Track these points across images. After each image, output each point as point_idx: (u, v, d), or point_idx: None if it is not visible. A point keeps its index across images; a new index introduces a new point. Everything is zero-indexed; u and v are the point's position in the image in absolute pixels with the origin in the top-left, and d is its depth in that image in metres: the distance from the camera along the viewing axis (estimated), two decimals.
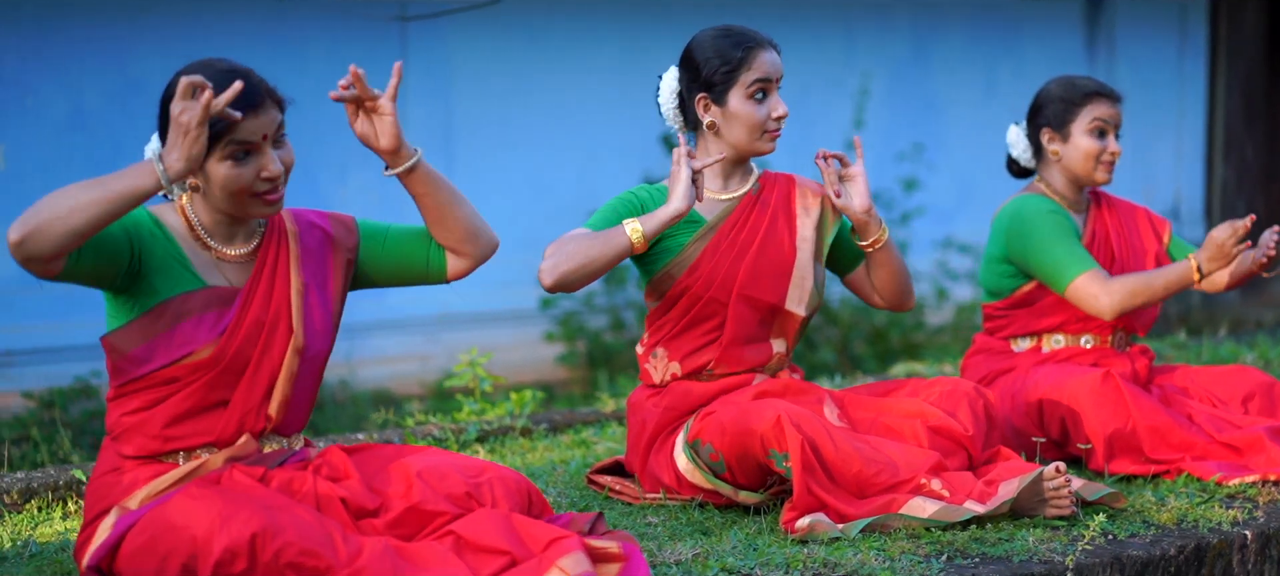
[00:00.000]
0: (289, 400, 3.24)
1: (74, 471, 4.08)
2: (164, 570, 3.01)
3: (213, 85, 3.00)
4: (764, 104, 3.85)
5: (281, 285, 3.27)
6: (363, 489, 3.20)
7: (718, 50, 3.86)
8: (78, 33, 6.76)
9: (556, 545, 3.08)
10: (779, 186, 3.99)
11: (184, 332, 3.15)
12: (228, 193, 3.14)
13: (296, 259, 3.28)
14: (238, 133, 3.10)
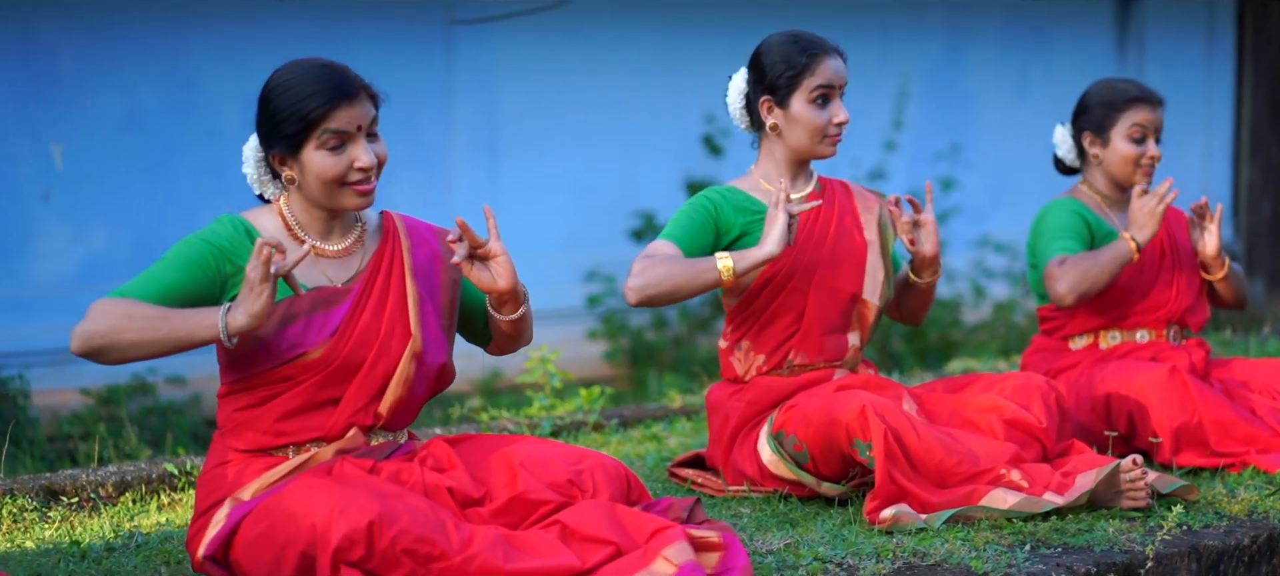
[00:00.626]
0: (401, 401, 3.32)
1: (166, 465, 4.18)
2: (282, 558, 3.11)
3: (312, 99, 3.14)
4: (825, 109, 3.95)
5: (397, 290, 3.34)
6: (467, 479, 3.29)
7: (784, 55, 3.97)
8: (132, 34, 6.87)
9: (660, 535, 3.17)
10: (837, 189, 4.10)
11: (293, 334, 3.24)
12: (321, 181, 3.23)
13: (410, 269, 3.36)
14: (333, 122, 3.20)
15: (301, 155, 3.23)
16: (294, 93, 3.22)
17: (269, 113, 3.25)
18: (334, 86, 3.22)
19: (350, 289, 3.31)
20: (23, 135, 6.68)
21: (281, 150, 3.25)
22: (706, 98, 8.15)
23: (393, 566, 3.05)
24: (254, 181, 3.36)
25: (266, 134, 3.27)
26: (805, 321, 3.94)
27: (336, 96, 3.21)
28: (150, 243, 6.92)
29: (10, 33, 6.63)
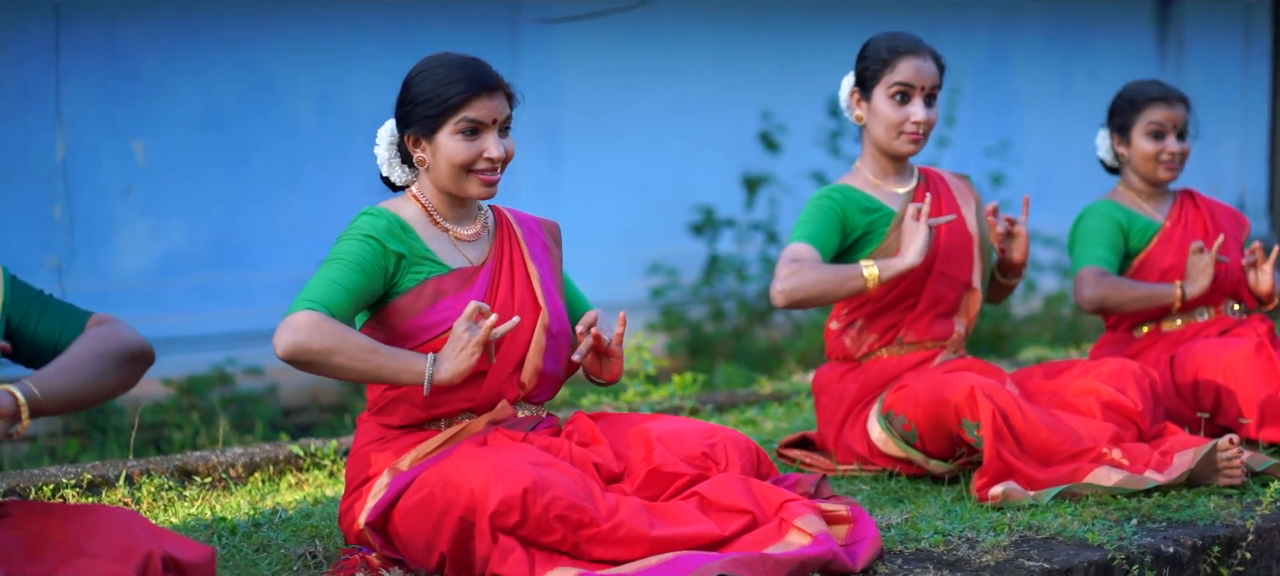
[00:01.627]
0: (540, 371, 3.50)
1: (292, 447, 4.36)
2: (441, 524, 3.27)
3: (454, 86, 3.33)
4: (904, 107, 4.11)
5: (520, 270, 3.53)
6: (610, 453, 3.46)
7: (875, 49, 4.16)
8: (211, 34, 7.03)
9: (792, 506, 3.35)
10: (939, 182, 4.27)
11: (443, 309, 3.42)
12: (451, 165, 3.41)
13: (528, 252, 3.55)
14: (471, 110, 3.38)
15: (436, 138, 3.41)
16: (437, 78, 3.41)
17: (410, 95, 3.44)
18: (476, 77, 3.40)
19: (484, 268, 3.50)
20: (106, 132, 6.85)
21: (417, 132, 3.43)
22: (762, 94, 8.34)
23: (546, 532, 3.22)
24: (383, 163, 3.54)
25: (404, 115, 3.45)
26: (919, 307, 4.13)
27: (477, 87, 3.40)
28: (227, 238, 7.10)
29: (95, 33, 6.81)
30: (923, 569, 3.34)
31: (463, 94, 3.39)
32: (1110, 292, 4.50)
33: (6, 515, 2.97)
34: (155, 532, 2.89)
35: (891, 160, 4.21)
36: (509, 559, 3.20)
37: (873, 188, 4.18)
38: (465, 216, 3.53)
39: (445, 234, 3.49)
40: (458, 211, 3.51)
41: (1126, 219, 4.65)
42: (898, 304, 4.15)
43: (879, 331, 4.15)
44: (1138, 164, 4.67)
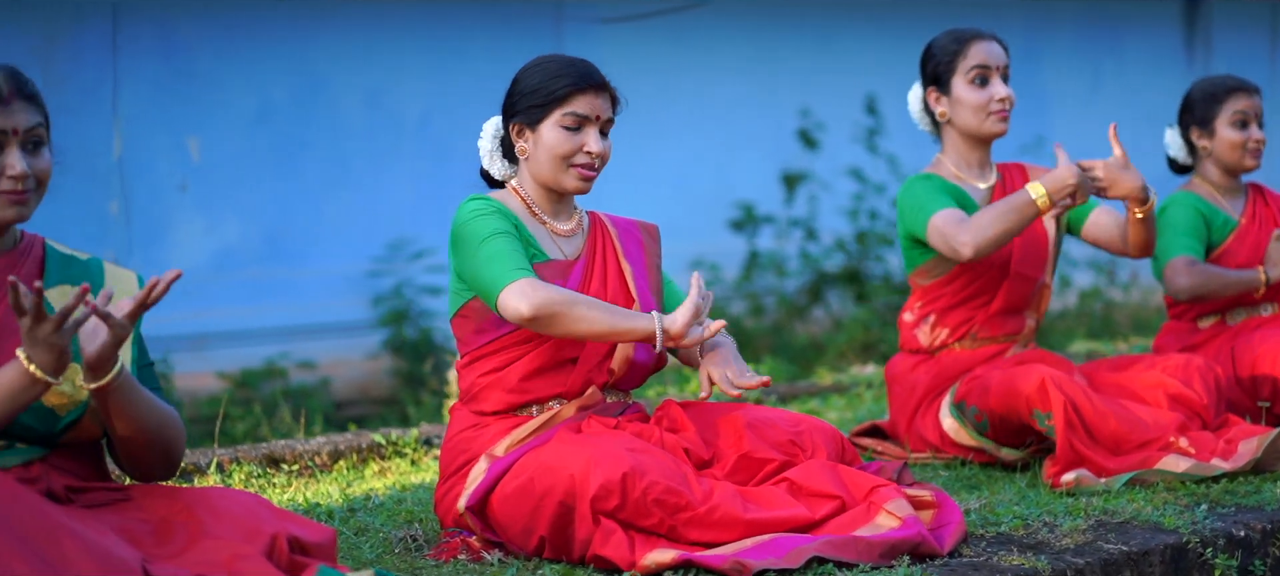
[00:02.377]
0: (628, 360, 3.61)
1: (374, 436, 4.47)
2: (540, 507, 3.38)
3: (561, 79, 3.44)
4: (985, 88, 4.23)
5: (614, 265, 3.65)
6: (700, 439, 3.57)
7: (940, 46, 4.28)
8: (264, 32, 7.15)
9: (880, 491, 3.46)
10: (1013, 175, 4.38)
11: None
12: (552, 156, 3.52)
13: (621, 250, 3.66)
14: (576, 105, 3.50)
15: (540, 128, 3.53)
16: (546, 72, 3.54)
17: (519, 87, 3.57)
18: (584, 74, 3.53)
19: (578, 262, 3.61)
20: (161, 129, 6.97)
21: (522, 121, 3.55)
22: (801, 93, 8.45)
23: (644, 515, 3.33)
24: (486, 155, 3.66)
25: (511, 105, 3.57)
26: (994, 305, 4.23)
27: (584, 82, 3.52)
28: (279, 234, 7.21)
29: (152, 32, 6.92)
30: (1006, 551, 3.44)
31: (569, 87, 3.51)
32: (1204, 281, 4.59)
33: (130, 499, 3.07)
34: (278, 514, 3.00)
35: (978, 148, 4.31)
36: (610, 540, 3.31)
37: (956, 180, 4.29)
38: (562, 212, 3.64)
39: (543, 227, 3.61)
40: (555, 207, 3.62)
41: (1208, 211, 4.76)
42: (972, 300, 4.26)
43: (952, 326, 4.27)
44: (1223, 154, 4.78)
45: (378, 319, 7.33)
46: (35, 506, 2.79)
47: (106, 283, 3.16)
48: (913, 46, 8.49)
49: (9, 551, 2.69)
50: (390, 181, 7.45)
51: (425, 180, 7.58)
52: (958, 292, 4.25)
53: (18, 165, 2.96)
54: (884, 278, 8.18)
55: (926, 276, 4.31)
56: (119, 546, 2.80)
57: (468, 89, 7.65)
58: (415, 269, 7.36)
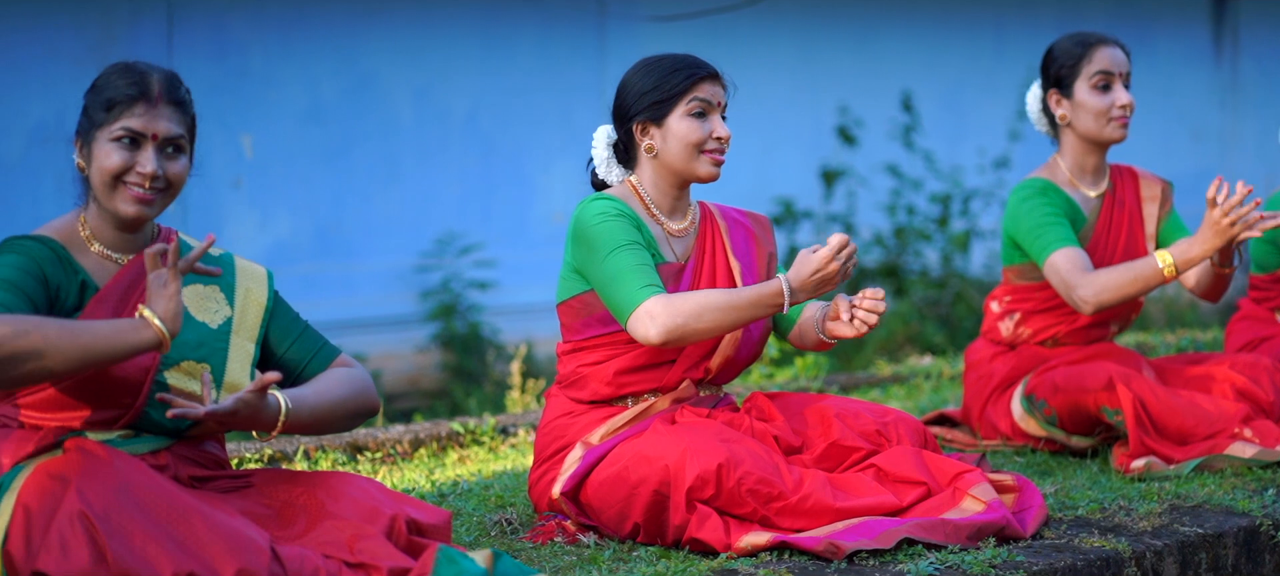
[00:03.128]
0: (728, 360, 3.71)
1: (452, 425, 4.58)
2: (635, 495, 3.49)
3: (680, 72, 3.54)
4: (1108, 94, 4.29)
5: (722, 263, 3.73)
6: (788, 428, 3.68)
7: (1064, 49, 4.34)
8: (316, 31, 7.27)
9: (964, 477, 3.57)
10: (1126, 181, 4.45)
11: None
12: (684, 145, 3.61)
13: (730, 248, 3.75)
14: (699, 92, 3.59)
15: (667, 121, 3.62)
16: (662, 69, 3.63)
17: (633, 89, 3.65)
18: (699, 64, 3.63)
19: (688, 266, 3.70)
20: (216, 125, 7.08)
21: (646, 118, 3.63)
22: (839, 90, 8.57)
23: (738, 504, 3.44)
24: (601, 164, 3.75)
25: (628, 108, 3.65)
26: (1082, 317, 4.32)
27: (703, 72, 3.62)
28: (329, 229, 7.33)
29: (206, 30, 7.04)
30: (1086, 533, 3.56)
31: (690, 78, 3.61)
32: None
33: (252, 485, 3.18)
34: (395, 497, 3.11)
35: (1095, 152, 4.34)
36: (706, 524, 3.42)
37: (1069, 187, 4.36)
38: (677, 210, 3.72)
39: (660, 227, 3.70)
40: (672, 204, 3.70)
41: None
42: (1061, 308, 4.34)
43: (1035, 328, 4.37)
44: None
45: (427, 313, 7.45)
46: (168, 490, 2.90)
47: (237, 277, 3.27)
48: (946, 48, 8.64)
49: (144, 534, 2.81)
50: (438, 177, 7.57)
51: (472, 176, 7.70)
52: (1048, 299, 4.34)
53: (149, 165, 3.06)
54: (921, 272, 8.29)
55: (1019, 276, 4.40)
56: (247, 527, 2.91)
57: (513, 86, 7.76)
58: (463, 263, 7.48)
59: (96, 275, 3.12)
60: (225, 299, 3.23)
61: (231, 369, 3.18)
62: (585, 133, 8.01)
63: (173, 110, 3.09)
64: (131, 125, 3.05)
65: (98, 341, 2.89)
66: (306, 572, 2.87)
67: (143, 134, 3.05)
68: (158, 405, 3.07)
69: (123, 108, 3.05)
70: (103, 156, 3.05)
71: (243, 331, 3.23)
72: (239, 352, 3.20)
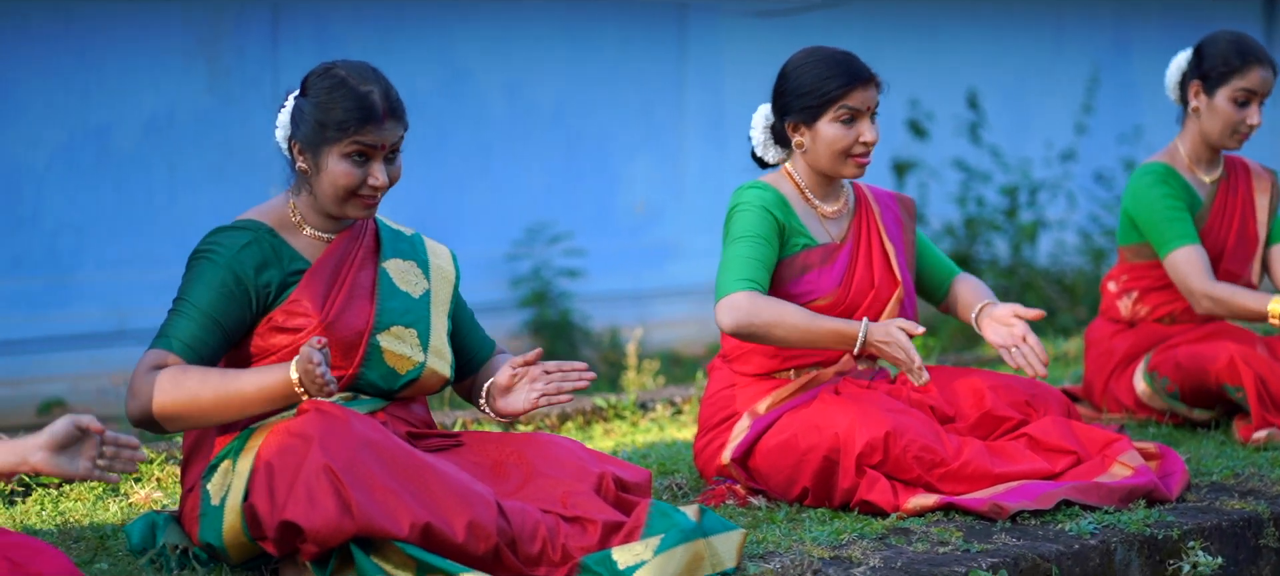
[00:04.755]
0: None
1: (596, 400, 4.81)
2: (803, 462, 3.72)
3: (834, 78, 3.76)
4: (1243, 110, 4.50)
5: (877, 245, 3.96)
6: (942, 399, 3.91)
7: (1223, 53, 4.50)
8: (412, 26, 7.50)
9: (1113, 445, 3.81)
10: (1238, 170, 4.67)
11: (809, 281, 3.86)
12: (831, 151, 3.84)
13: (883, 229, 3.98)
14: (849, 100, 3.81)
15: (817, 125, 3.85)
16: (817, 72, 3.84)
17: (790, 86, 3.87)
18: (853, 71, 3.84)
19: (845, 245, 3.92)
20: None
21: (798, 119, 3.86)
22: (910, 84, 8.79)
23: (903, 470, 3.67)
24: (759, 144, 3.98)
25: (785, 104, 3.88)
26: None
27: (855, 79, 3.83)
28: (423, 218, 7.54)
29: (308, 25, 7.27)
30: (1226, 497, 3.79)
31: (842, 86, 3.82)
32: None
33: (463, 444, 3.41)
34: (598, 456, 3.34)
35: (1213, 150, 4.60)
36: (876, 487, 3.66)
37: (1188, 172, 4.58)
38: (831, 194, 3.95)
39: (814, 211, 3.93)
40: (826, 190, 3.94)
41: None
42: (1174, 287, 4.56)
43: (1152, 305, 4.60)
44: None
45: (518, 300, 7.67)
46: (402, 446, 3.13)
47: (429, 255, 3.50)
48: (1005, 43, 8.81)
49: (383, 487, 3.02)
50: (527, 168, 7.79)
51: (558, 167, 7.92)
52: (1163, 277, 4.57)
53: (380, 177, 3.28)
54: (991, 262, 8.51)
55: (1135, 255, 4.63)
56: (474, 482, 3.13)
57: (597, 80, 7.99)
58: (553, 252, 7.70)
59: (306, 253, 3.35)
60: (422, 273, 3.46)
61: (435, 334, 3.40)
62: (666, 125, 8.31)
63: (394, 122, 3.30)
64: (363, 141, 3.25)
65: (247, 404, 3.13)
66: (528, 526, 3.09)
67: (373, 147, 3.27)
68: (373, 365, 3.30)
69: (354, 128, 3.23)
70: (335, 172, 3.24)
71: (439, 304, 3.46)
72: (438, 322, 3.43)
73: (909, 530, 3.51)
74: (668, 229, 8.26)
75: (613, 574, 3.04)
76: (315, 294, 3.28)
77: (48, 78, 6.75)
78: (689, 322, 8.29)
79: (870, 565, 3.24)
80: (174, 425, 3.15)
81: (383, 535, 2.98)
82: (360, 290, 3.34)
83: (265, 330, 3.28)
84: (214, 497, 3.20)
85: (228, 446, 3.23)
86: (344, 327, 3.28)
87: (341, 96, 3.26)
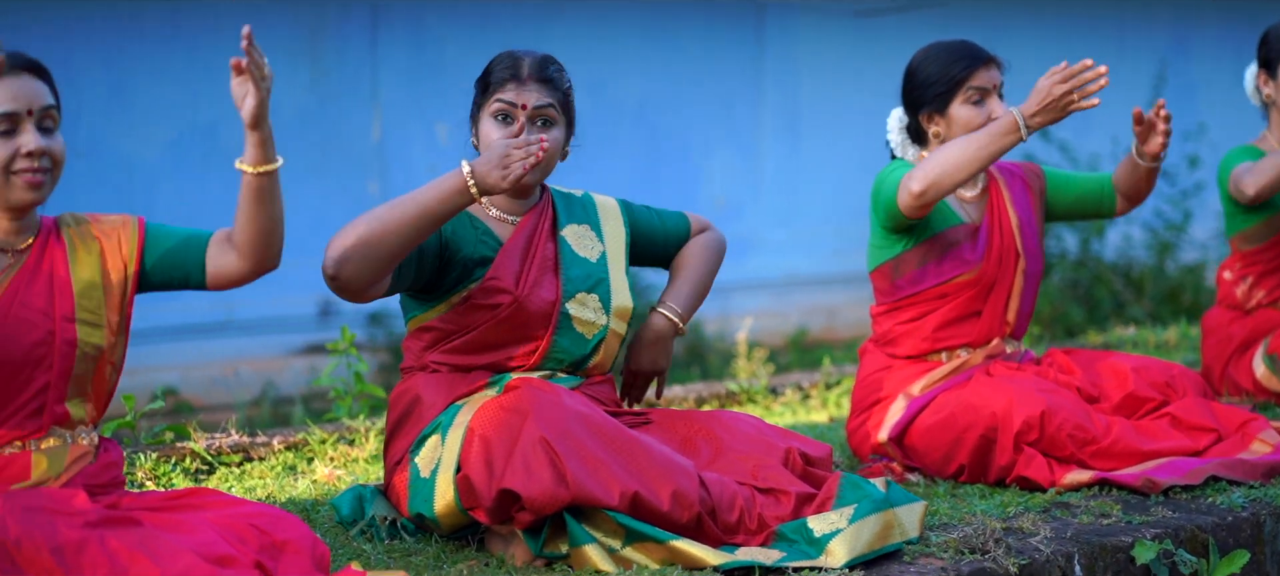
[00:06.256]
0: (1020, 310, 4.14)
1: (728, 385, 5.01)
2: (961, 440, 3.92)
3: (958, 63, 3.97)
4: None
5: (1006, 221, 4.17)
6: (1086, 380, 4.11)
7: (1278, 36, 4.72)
8: (504, 25, 7.70)
9: (1251, 424, 4.01)
10: None
11: (953, 259, 4.07)
12: (966, 131, 4.02)
13: (1009, 199, 4.18)
14: (974, 81, 4.01)
15: (949, 111, 4.05)
16: (941, 60, 4.05)
17: (918, 80, 4.08)
18: (974, 54, 4.05)
19: (982, 225, 4.13)
20: (413, 115, 7.53)
21: (931, 109, 4.07)
22: None
23: (1057, 447, 3.87)
24: (897, 145, 4.18)
25: (916, 99, 4.08)
26: None
27: (977, 61, 4.03)
28: None
29: (406, 25, 7.47)
30: None
31: (967, 68, 4.03)
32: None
33: (652, 422, 3.60)
34: (782, 432, 3.53)
35: None
36: (1033, 464, 3.86)
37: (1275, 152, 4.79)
38: (971, 180, 4.15)
39: (955, 194, 4.13)
40: None
41: None
42: None
43: (1267, 288, 4.79)
44: None
45: None
46: (610, 420, 3.32)
47: (600, 215, 3.68)
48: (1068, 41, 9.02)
49: (595, 458, 3.20)
50: (612, 165, 8.00)
51: (641, 163, 8.13)
52: (1276, 260, 4.77)
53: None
54: (1061, 255, 8.70)
55: (1246, 241, 4.83)
56: (676, 454, 3.32)
57: (678, 78, 8.20)
58: None
59: (497, 232, 3.54)
60: (596, 235, 3.66)
61: (616, 294, 3.60)
62: (744, 122, 8.52)
63: (539, 87, 3.49)
64: (504, 98, 3.47)
65: (422, 201, 3.25)
66: (727, 496, 3.28)
67: (513, 104, 3.46)
68: (564, 332, 3.49)
69: (495, 88, 3.50)
70: (486, 133, 3.49)
71: (615, 262, 3.65)
72: (617, 280, 3.62)
73: (1068, 503, 3.71)
74: (746, 223, 8.46)
75: (809, 541, 3.22)
76: (510, 271, 3.47)
77: (159, 76, 6.97)
78: (767, 315, 8.49)
79: (1043, 535, 3.43)
80: (361, 253, 3.22)
81: (594, 503, 3.16)
82: (547, 263, 3.53)
83: (463, 308, 3.46)
84: (423, 471, 3.39)
85: (434, 422, 3.42)
86: (537, 301, 3.47)
87: (495, 64, 3.55)
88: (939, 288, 4.07)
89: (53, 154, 3.02)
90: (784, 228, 8.63)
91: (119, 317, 3.13)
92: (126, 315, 3.14)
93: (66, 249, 3.12)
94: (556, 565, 3.21)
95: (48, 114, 3.02)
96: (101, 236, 3.15)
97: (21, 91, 2.99)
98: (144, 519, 2.91)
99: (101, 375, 3.10)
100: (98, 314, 3.09)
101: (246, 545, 2.91)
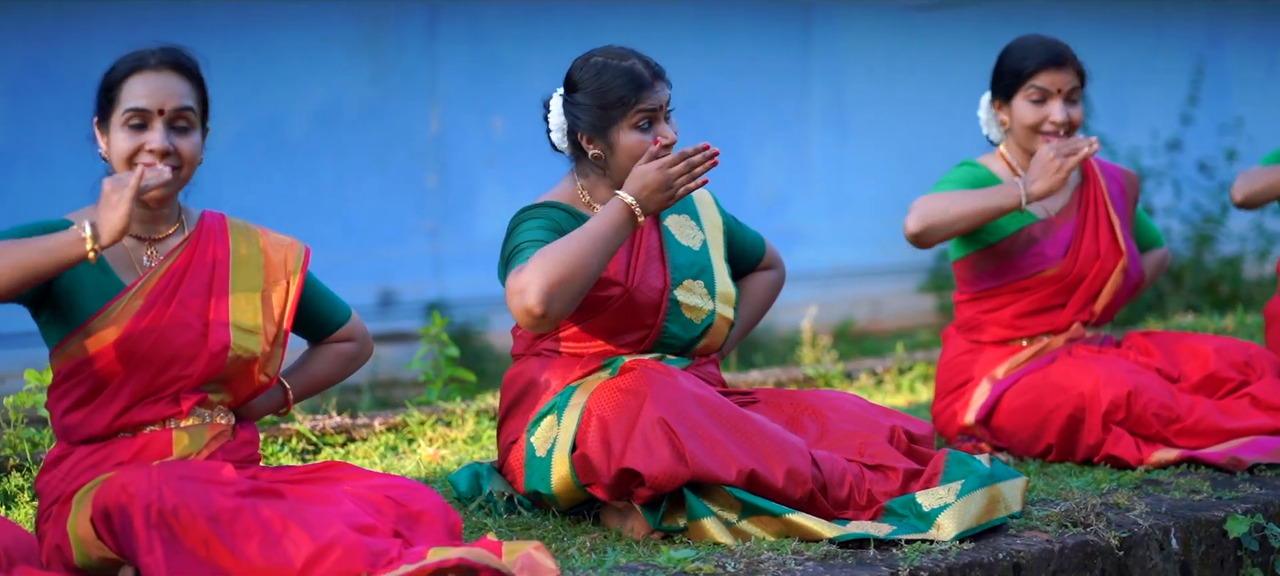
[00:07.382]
0: (1110, 303, 4.25)
1: (805, 370, 5.13)
2: (1048, 420, 4.04)
3: (1028, 59, 4.09)
4: None
5: (1104, 217, 4.27)
6: (1166, 362, 4.23)
7: None
8: (559, 22, 7.82)
9: None
10: None
11: (1033, 255, 4.18)
12: (1023, 127, 4.17)
13: (1109, 199, 4.29)
14: (1040, 80, 4.12)
15: (1012, 103, 4.17)
16: (1018, 52, 4.16)
17: (999, 67, 4.21)
18: (1047, 53, 4.15)
19: (1070, 219, 4.24)
20: (471, 109, 7.65)
21: (1001, 98, 4.19)
22: None
23: (1143, 426, 3.99)
24: (984, 123, 4.31)
25: (992, 83, 4.22)
26: None
27: (1047, 60, 4.14)
28: None
29: (464, 21, 7.60)
30: None
31: (1035, 66, 4.14)
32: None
33: (758, 402, 3.72)
34: (885, 411, 3.65)
35: None
36: (1120, 443, 3.98)
37: None
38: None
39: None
40: None
41: None
42: None
43: None
44: None
45: None
46: (723, 400, 3.44)
47: (697, 206, 3.78)
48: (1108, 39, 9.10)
49: (711, 438, 3.32)
50: None
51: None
52: None
53: (669, 133, 3.58)
54: None
55: None
56: (787, 433, 3.44)
57: (728, 74, 8.32)
58: None
59: None
60: (696, 225, 3.77)
61: (719, 280, 3.70)
62: (792, 117, 8.65)
63: (662, 83, 3.60)
64: (645, 108, 3.54)
65: (599, 230, 3.35)
66: (837, 472, 3.40)
67: (655, 110, 3.56)
68: (674, 318, 3.60)
69: (634, 99, 3.54)
70: (629, 144, 3.54)
71: (716, 249, 3.76)
72: (719, 266, 3.73)
73: (1158, 480, 3.83)
74: (793, 216, 8.58)
75: (918, 515, 3.35)
76: (619, 263, 3.58)
77: (224, 71, 7.04)
78: (813, 306, 8.61)
79: (1139, 510, 3.56)
80: (564, 291, 3.29)
81: (712, 480, 3.28)
82: (653, 253, 3.63)
83: None
84: (539, 449, 3.50)
85: (550, 403, 3.53)
86: (647, 290, 3.58)
87: (612, 76, 3.56)
88: (1019, 282, 4.19)
89: (182, 153, 3.13)
90: (831, 220, 8.75)
91: (277, 330, 3.26)
92: (284, 330, 3.27)
93: (230, 253, 3.24)
94: (675, 537, 3.32)
95: (182, 114, 3.13)
96: (268, 248, 3.27)
97: (158, 89, 3.11)
98: (286, 491, 3.03)
99: (250, 377, 3.23)
100: (254, 322, 3.22)
101: (383, 515, 3.03)
